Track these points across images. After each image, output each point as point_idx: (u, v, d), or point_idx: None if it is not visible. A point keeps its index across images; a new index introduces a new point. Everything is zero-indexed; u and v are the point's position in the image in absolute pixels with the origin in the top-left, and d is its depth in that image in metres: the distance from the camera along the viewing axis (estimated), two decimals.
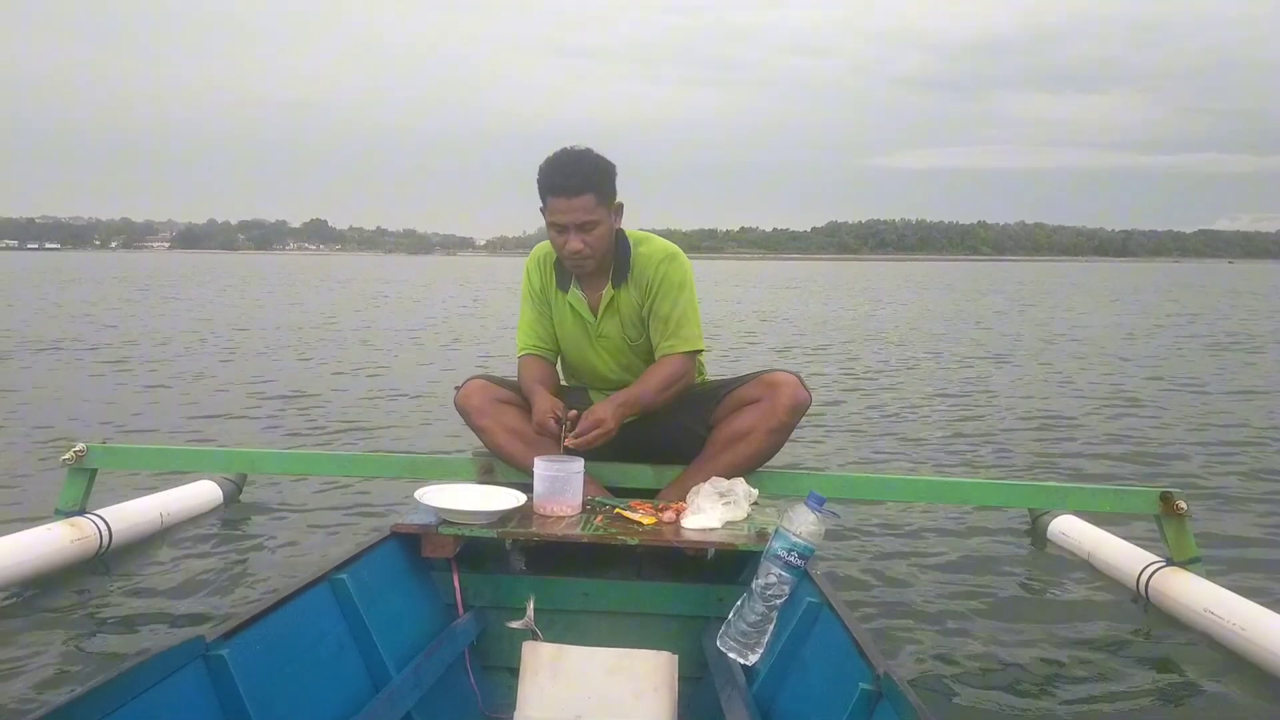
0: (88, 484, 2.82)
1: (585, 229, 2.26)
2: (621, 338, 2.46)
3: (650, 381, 2.37)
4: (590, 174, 2.25)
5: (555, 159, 2.27)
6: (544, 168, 2.27)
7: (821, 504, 1.64)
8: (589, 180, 2.24)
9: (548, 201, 2.27)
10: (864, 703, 1.24)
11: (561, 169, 2.25)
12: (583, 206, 2.24)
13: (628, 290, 2.42)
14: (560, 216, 2.25)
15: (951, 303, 21.53)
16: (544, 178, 2.27)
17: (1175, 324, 15.40)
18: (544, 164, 2.28)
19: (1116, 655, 2.30)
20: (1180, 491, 2.55)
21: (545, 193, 2.27)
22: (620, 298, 2.42)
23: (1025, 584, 2.82)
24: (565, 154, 2.27)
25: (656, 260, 2.41)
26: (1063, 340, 12.29)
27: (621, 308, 2.43)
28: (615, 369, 2.51)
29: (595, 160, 2.27)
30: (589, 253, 2.30)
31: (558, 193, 2.24)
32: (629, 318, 2.44)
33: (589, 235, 2.27)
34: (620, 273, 2.41)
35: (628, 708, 1.64)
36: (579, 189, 2.23)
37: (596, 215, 2.26)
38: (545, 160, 2.28)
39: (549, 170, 2.26)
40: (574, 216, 2.24)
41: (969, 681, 2.14)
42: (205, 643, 1.26)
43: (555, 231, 2.30)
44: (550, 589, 1.97)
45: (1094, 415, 6.12)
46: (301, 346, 10.12)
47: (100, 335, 10.97)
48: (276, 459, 3.10)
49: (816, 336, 12.59)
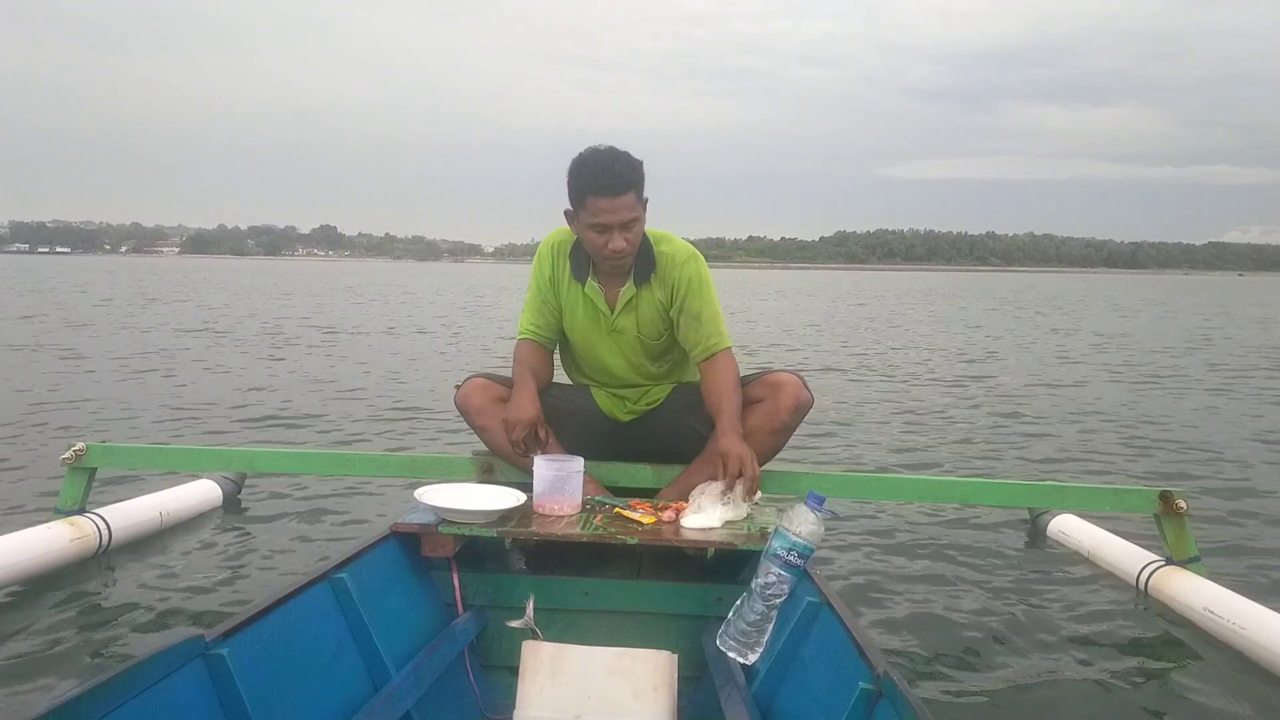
0: (87, 483, 2.82)
1: (628, 227, 2.25)
2: (636, 336, 2.45)
3: (730, 391, 2.32)
4: (629, 172, 2.23)
5: (593, 159, 2.23)
6: (581, 168, 2.23)
7: (821, 503, 1.64)
8: (630, 179, 2.23)
9: (587, 202, 2.22)
10: (864, 702, 1.24)
11: (604, 168, 2.21)
12: (627, 205, 2.22)
13: (651, 290, 2.40)
14: (605, 216, 2.22)
15: (958, 307, 21.53)
16: (583, 178, 2.22)
17: (1176, 326, 15.40)
18: (579, 164, 2.24)
19: (1116, 654, 2.30)
20: (1180, 491, 2.55)
21: (585, 193, 2.22)
22: (642, 297, 2.41)
23: (1025, 583, 2.82)
24: (601, 153, 2.24)
25: (681, 261, 2.40)
26: (1064, 341, 12.29)
27: (641, 306, 2.41)
28: (624, 366, 2.50)
29: (630, 159, 2.25)
30: (631, 250, 2.29)
31: (601, 192, 2.20)
32: (648, 317, 2.42)
33: (630, 233, 2.27)
34: (644, 272, 2.39)
35: (628, 707, 1.64)
36: (623, 188, 2.21)
37: (637, 212, 2.27)
38: (579, 160, 2.24)
39: (589, 170, 2.22)
40: (619, 216, 2.22)
41: (969, 681, 2.14)
42: (205, 642, 1.26)
43: (595, 232, 2.26)
44: (550, 588, 1.97)
45: (1094, 416, 6.12)
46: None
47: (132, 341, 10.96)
48: (276, 458, 3.10)
49: (819, 338, 12.60)
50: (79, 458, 2.77)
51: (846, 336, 12.94)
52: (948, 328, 14.77)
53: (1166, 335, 13.79)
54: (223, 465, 3.31)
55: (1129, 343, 12.34)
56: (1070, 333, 14.06)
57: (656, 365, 2.52)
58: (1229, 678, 2.17)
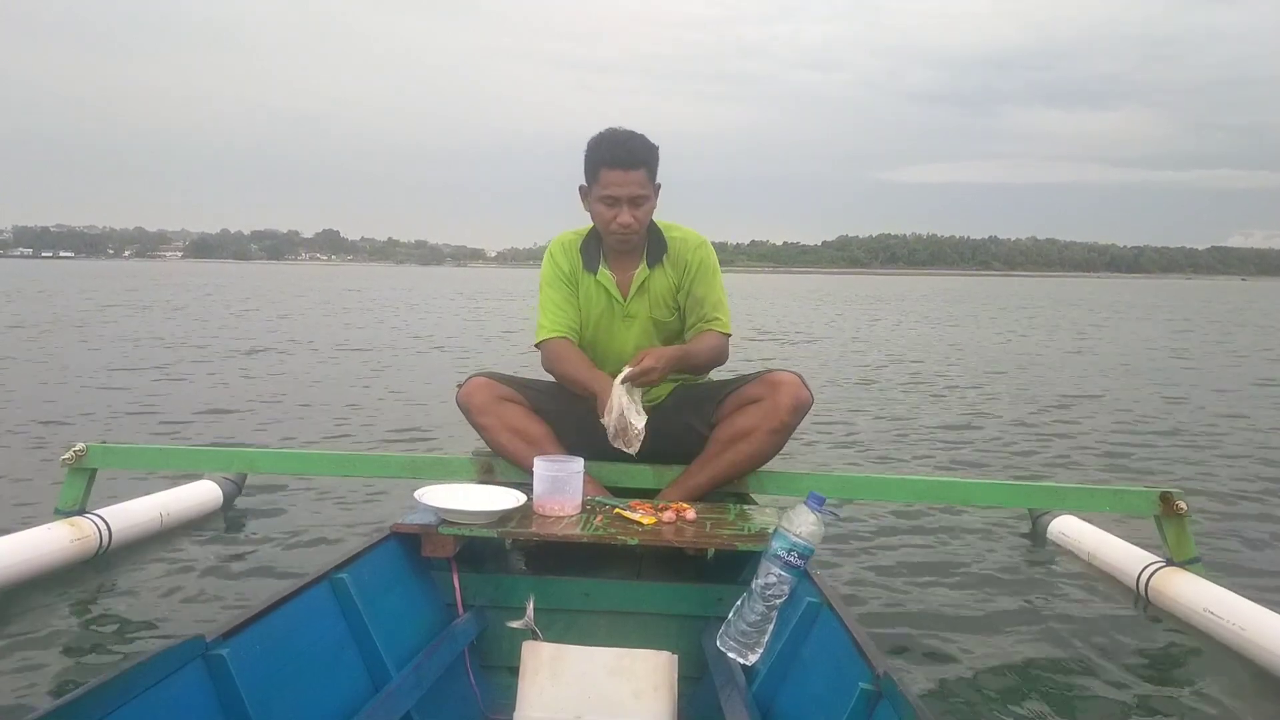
0: (87, 484, 2.82)
1: (636, 203, 2.32)
2: (648, 318, 2.48)
3: (698, 346, 2.41)
4: (643, 150, 2.31)
5: (610, 134, 2.32)
6: (598, 142, 2.31)
7: (821, 504, 1.64)
8: (643, 157, 2.30)
9: (600, 175, 2.30)
10: (864, 702, 1.24)
11: (620, 142, 2.30)
12: (637, 180, 2.29)
13: (663, 270, 2.45)
14: (615, 189, 2.29)
15: (964, 310, 21.51)
16: (599, 151, 2.30)
17: (1179, 329, 15.40)
18: (596, 139, 2.32)
19: (1116, 655, 2.30)
20: (1180, 491, 2.55)
21: (599, 165, 2.30)
22: (654, 278, 2.45)
23: (1025, 584, 2.82)
24: (618, 130, 2.33)
25: (693, 245, 2.48)
26: (1065, 342, 12.29)
27: (653, 288, 2.45)
28: (635, 353, 2.50)
29: (645, 139, 2.34)
30: (637, 227, 2.34)
31: (613, 165, 2.28)
32: (660, 298, 2.46)
33: (639, 210, 2.33)
34: (655, 253, 2.45)
35: (628, 708, 1.64)
36: (635, 163, 2.28)
37: (647, 191, 2.33)
38: (596, 136, 2.33)
39: (604, 144, 2.30)
40: (628, 189, 2.29)
41: (969, 681, 2.14)
42: (205, 642, 1.26)
43: (605, 205, 2.33)
44: (550, 589, 1.97)
45: (1094, 416, 6.12)
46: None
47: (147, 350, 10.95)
48: (276, 459, 3.10)
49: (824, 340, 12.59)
50: (79, 458, 2.76)
51: (847, 337, 12.94)
52: (948, 328, 14.77)
53: (1167, 335, 13.78)
54: (223, 466, 3.31)
55: (1130, 343, 12.34)
56: (1071, 332, 14.06)
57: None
58: (1229, 679, 2.17)
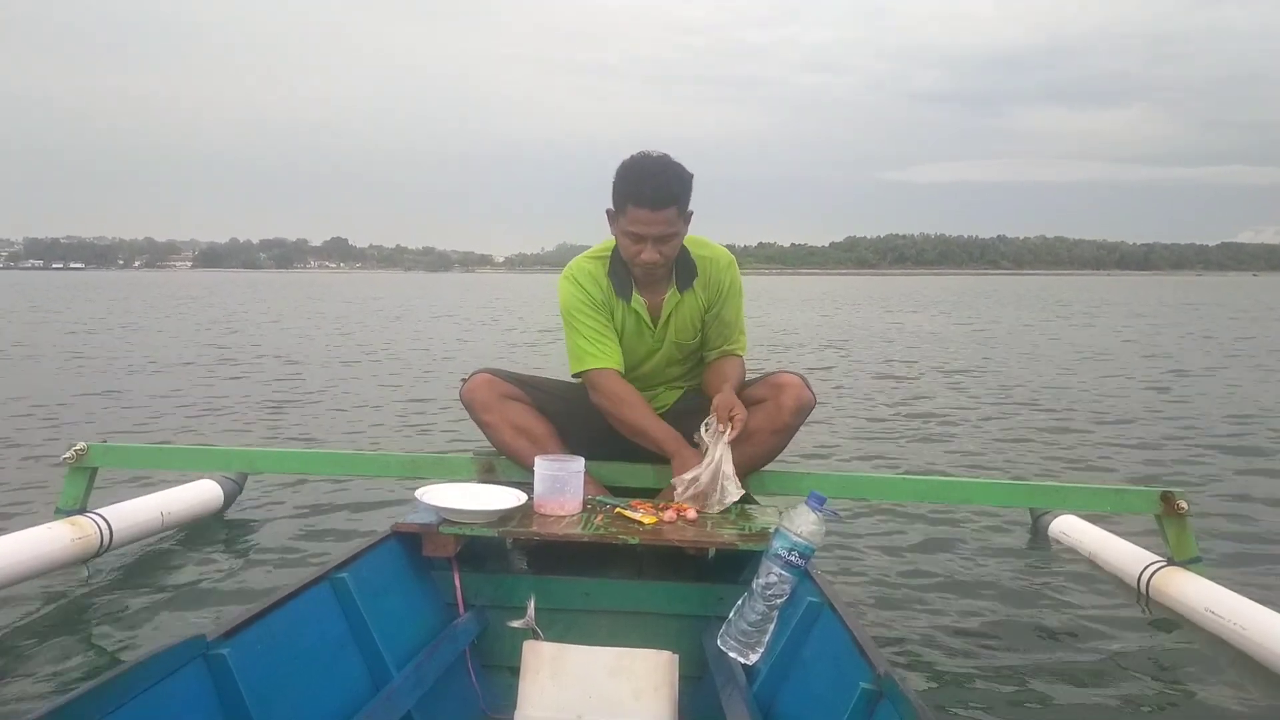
0: (88, 483, 2.81)
1: (663, 240, 2.25)
2: (673, 342, 2.46)
3: (735, 376, 2.41)
4: (675, 185, 2.21)
5: (643, 167, 2.21)
6: (629, 175, 2.21)
7: (822, 504, 1.64)
8: (674, 193, 2.21)
9: (627, 210, 2.22)
10: (864, 702, 1.24)
11: (651, 180, 2.19)
12: (665, 220, 2.21)
13: (694, 294, 2.42)
14: (641, 228, 2.22)
15: (967, 311, 21.50)
16: (629, 186, 2.21)
17: (1179, 330, 15.39)
18: (628, 168, 2.22)
19: (1117, 655, 2.30)
20: (1181, 491, 2.55)
21: (627, 201, 2.21)
22: (685, 301, 2.42)
23: (1026, 584, 2.82)
24: (652, 162, 2.22)
25: (723, 266, 2.44)
26: (1064, 343, 12.29)
27: (683, 311, 2.42)
28: (653, 371, 2.51)
29: (680, 172, 2.23)
30: (663, 263, 2.30)
31: (642, 204, 2.19)
32: (686, 321, 2.44)
33: (665, 246, 2.26)
34: (685, 278, 2.40)
35: (628, 707, 1.64)
36: (665, 202, 2.19)
37: (676, 228, 2.26)
38: (628, 165, 2.22)
39: (635, 179, 2.20)
40: (655, 229, 2.22)
41: (969, 681, 2.14)
42: (206, 642, 1.26)
43: (630, 240, 2.26)
44: (551, 588, 1.97)
45: (1094, 416, 6.12)
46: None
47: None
48: (277, 458, 3.10)
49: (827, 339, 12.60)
50: (80, 457, 2.76)
51: (848, 338, 12.94)
52: (948, 329, 14.77)
53: (1167, 336, 13.78)
54: (223, 465, 3.31)
55: (1130, 343, 12.33)
56: (1070, 335, 14.06)
57: (683, 367, 2.54)
58: (1230, 678, 2.17)
